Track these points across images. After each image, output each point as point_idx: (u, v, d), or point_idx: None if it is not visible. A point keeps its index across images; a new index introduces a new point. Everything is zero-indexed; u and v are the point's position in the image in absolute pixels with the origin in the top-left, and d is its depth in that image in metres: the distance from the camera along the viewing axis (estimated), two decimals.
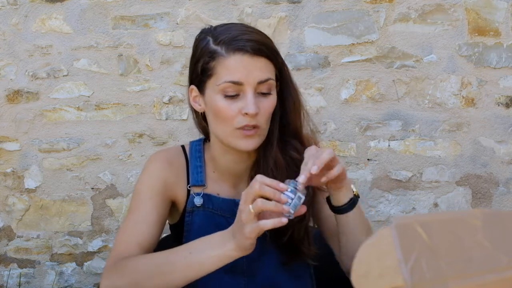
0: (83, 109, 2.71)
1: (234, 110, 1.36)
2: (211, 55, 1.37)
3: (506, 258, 0.79)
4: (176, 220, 1.54)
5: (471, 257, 0.78)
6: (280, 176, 1.44)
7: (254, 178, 1.22)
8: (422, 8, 2.63)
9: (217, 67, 1.36)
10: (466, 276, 0.77)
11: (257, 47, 1.35)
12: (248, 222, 1.19)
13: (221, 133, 1.41)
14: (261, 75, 1.36)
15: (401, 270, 0.74)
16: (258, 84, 1.36)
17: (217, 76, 1.36)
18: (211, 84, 1.38)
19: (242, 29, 1.39)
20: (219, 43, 1.36)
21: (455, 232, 0.79)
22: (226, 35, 1.37)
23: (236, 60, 1.34)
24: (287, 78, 1.46)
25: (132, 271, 1.32)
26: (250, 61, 1.35)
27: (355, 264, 0.78)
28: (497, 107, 2.66)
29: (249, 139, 1.38)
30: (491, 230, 0.81)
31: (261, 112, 1.37)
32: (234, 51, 1.34)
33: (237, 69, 1.34)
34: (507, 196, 2.70)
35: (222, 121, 1.38)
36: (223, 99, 1.37)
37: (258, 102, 1.36)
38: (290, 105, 1.46)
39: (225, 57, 1.35)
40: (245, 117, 1.36)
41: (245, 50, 1.34)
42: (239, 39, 1.35)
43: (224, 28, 1.41)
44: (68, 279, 2.82)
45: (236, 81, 1.35)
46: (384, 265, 0.75)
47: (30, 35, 2.69)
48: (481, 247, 0.79)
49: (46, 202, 2.77)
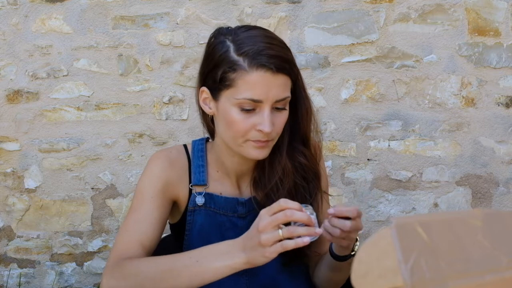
0: (83, 109, 2.71)
1: (248, 125, 1.36)
2: (232, 65, 1.33)
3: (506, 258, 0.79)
4: (177, 220, 1.54)
5: (471, 257, 0.78)
6: (287, 181, 1.45)
7: (278, 203, 1.22)
8: (422, 8, 2.63)
9: (237, 80, 1.33)
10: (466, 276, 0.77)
11: (280, 65, 1.33)
12: (272, 245, 1.20)
13: (231, 142, 1.41)
14: (280, 94, 1.35)
15: (401, 270, 0.74)
16: (276, 102, 1.35)
17: (236, 90, 1.34)
18: (228, 95, 1.36)
19: (266, 40, 1.35)
20: (242, 54, 1.33)
21: (455, 232, 0.79)
22: (250, 47, 1.33)
23: (258, 77, 1.32)
24: (301, 86, 1.45)
25: (135, 273, 1.31)
26: (272, 78, 1.32)
27: (355, 264, 0.78)
28: (497, 107, 2.66)
29: (261, 149, 1.39)
30: (491, 230, 0.81)
31: (274, 127, 1.37)
32: (257, 67, 1.31)
33: (258, 87, 1.32)
34: (507, 196, 2.70)
35: (235, 132, 1.38)
36: (239, 112, 1.35)
37: (273, 117, 1.36)
38: (303, 113, 1.46)
39: (247, 72, 1.32)
40: (259, 132, 1.36)
41: (268, 67, 1.31)
42: (263, 54, 1.32)
43: (247, 36, 1.36)
44: (68, 279, 2.82)
45: (256, 99, 1.33)
46: (383, 265, 0.75)
47: (30, 35, 2.69)
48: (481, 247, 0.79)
49: (46, 202, 2.77)
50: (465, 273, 0.77)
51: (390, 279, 0.75)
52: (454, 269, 0.77)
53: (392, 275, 0.74)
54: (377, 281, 0.75)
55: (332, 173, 2.71)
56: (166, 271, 1.28)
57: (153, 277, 1.29)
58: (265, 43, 1.34)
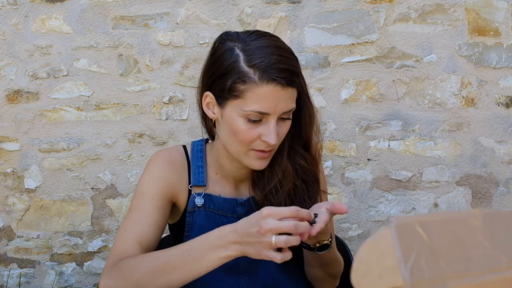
0: (83, 109, 2.71)
1: (254, 135, 1.36)
2: (242, 77, 1.32)
3: (506, 258, 0.79)
4: (176, 220, 1.54)
5: (471, 257, 0.78)
6: (287, 183, 1.45)
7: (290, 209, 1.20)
8: (422, 8, 2.63)
9: (247, 93, 1.32)
10: (466, 276, 0.77)
11: (290, 79, 1.33)
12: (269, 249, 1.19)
13: (234, 150, 1.41)
14: (287, 106, 1.35)
15: (401, 270, 0.74)
16: (283, 113, 1.36)
17: (245, 101, 1.33)
18: (235, 105, 1.35)
19: (277, 52, 1.34)
20: (253, 66, 1.31)
21: (455, 232, 0.79)
22: (261, 60, 1.31)
23: (268, 91, 1.31)
24: (304, 93, 1.46)
25: (130, 272, 1.31)
26: (281, 92, 1.32)
27: (354, 264, 0.78)
28: (497, 107, 2.66)
29: (262, 160, 1.40)
30: (491, 230, 0.81)
31: (278, 137, 1.37)
32: (268, 80, 1.30)
33: (267, 100, 1.32)
34: (507, 196, 2.70)
35: (239, 141, 1.38)
36: (245, 123, 1.35)
37: (278, 128, 1.36)
38: (306, 118, 1.46)
39: (257, 85, 1.31)
40: (264, 143, 1.36)
41: (279, 82, 1.31)
42: (274, 68, 1.31)
43: (257, 46, 1.35)
44: (68, 279, 2.82)
45: (263, 112, 1.33)
46: (383, 265, 0.75)
47: (30, 35, 2.69)
48: (481, 247, 0.79)
49: (46, 202, 2.77)
50: (465, 273, 0.77)
51: (390, 279, 0.74)
52: (454, 269, 0.77)
53: (392, 275, 0.74)
54: (377, 281, 0.75)
55: (332, 173, 2.71)
56: (160, 265, 1.28)
57: (147, 274, 1.28)
58: (277, 55, 1.33)
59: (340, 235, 2.63)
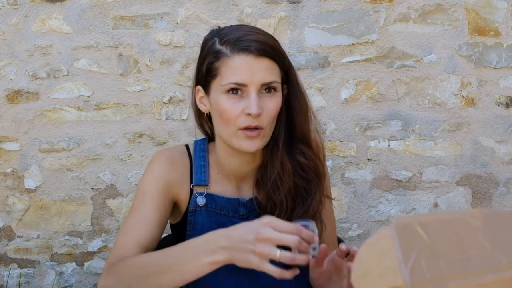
0: (83, 109, 2.71)
1: (237, 110, 1.36)
2: (215, 55, 1.38)
3: (506, 258, 0.79)
4: (178, 220, 1.53)
5: (471, 257, 0.78)
6: (286, 179, 1.44)
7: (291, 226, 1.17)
8: (422, 8, 2.63)
9: (221, 67, 1.37)
10: (465, 276, 0.77)
11: (261, 48, 1.35)
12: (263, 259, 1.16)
13: (224, 134, 1.41)
14: (265, 77, 1.36)
15: (401, 270, 0.74)
16: (262, 85, 1.36)
17: (221, 77, 1.37)
18: (215, 85, 1.39)
19: (249, 30, 1.39)
20: (224, 43, 1.37)
21: (455, 232, 0.79)
22: (231, 36, 1.37)
23: (240, 61, 1.35)
24: (294, 81, 1.45)
25: (125, 272, 1.31)
26: (254, 61, 1.35)
27: (355, 264, 0.78)
28: (497, 107, 2.66)
29: (252, 140, 1.38)
30: (491, 230, 0.81)
31: (264, 112, 1.37)
32: (238, 51, 1.35)
33: (241, 70, 1.35)
34: (507, 196, 2.70)
35: (226, 121, 1.38)
36: (227, 99, 1.37)
37: (262, 102, 1.36)
38: (297, 108, 1.46)
39: (229, 57, 1.36)
40: (248, 117, 1.36)
41: (249, 50, 1.34)
42: (244, 39, 1.35)
43: (231, 29, 1.42)
44: (68, 279, 2.82)
45: (240, 83, 1.35)
46: (383, 265, 0.75)
47: (30, 35, 2.69)
48: (481, 247, 0.79)
49: (46, 202, 2.77)
50: (465, 273, 0.77)
51: (390, 279, 0.75)
52: (454, 269, 0.77)
53: (392, 275, 0.74)
54: (377, 281, 0.75)
55: (332, 173, 2.71)
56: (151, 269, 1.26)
57: (140, 276, 1.27)
58: (247, 31, 1.39)
59: (340, 235, 2.63)
